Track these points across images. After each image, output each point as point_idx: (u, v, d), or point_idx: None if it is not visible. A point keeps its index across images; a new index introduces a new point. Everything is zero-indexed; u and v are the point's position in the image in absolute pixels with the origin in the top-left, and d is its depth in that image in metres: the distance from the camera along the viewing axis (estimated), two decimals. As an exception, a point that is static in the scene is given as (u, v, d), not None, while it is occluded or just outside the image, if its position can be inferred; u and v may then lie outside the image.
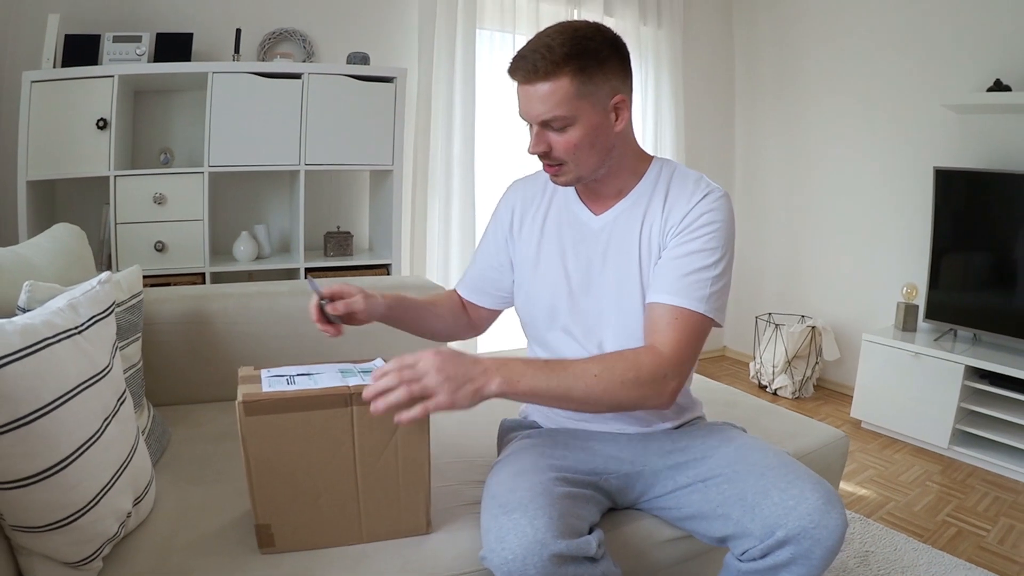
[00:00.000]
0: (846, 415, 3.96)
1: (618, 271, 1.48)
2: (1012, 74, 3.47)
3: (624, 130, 1.44)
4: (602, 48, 1.35)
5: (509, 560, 1.15)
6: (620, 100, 1.39)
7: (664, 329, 1.36)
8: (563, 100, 1.34)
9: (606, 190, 1.53)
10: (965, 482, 3.20)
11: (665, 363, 1.32)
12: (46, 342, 1.12)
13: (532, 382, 1.27)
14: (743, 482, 1.34)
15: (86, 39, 2.83)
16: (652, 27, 4.46)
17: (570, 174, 1.44)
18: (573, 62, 1.32)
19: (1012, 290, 3.45)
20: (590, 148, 1.40)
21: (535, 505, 1.21)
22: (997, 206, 3.48)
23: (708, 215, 1.40)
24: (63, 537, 1.13)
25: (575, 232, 1.55)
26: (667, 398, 1.34)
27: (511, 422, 1.73)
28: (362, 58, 3.32)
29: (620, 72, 1.39)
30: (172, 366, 2.09)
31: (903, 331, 3.85)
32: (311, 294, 1.47)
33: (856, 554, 2.50)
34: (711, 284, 1.38)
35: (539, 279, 1.59)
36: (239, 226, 3.27)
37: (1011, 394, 3.25)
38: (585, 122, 1.37)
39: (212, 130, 2.92)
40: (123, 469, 1.27)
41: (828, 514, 1.23)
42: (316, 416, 1.27)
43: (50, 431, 1.08)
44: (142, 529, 1.36)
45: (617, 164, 1.48)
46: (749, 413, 2.13)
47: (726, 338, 5.38)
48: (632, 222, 1.48)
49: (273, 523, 1.30)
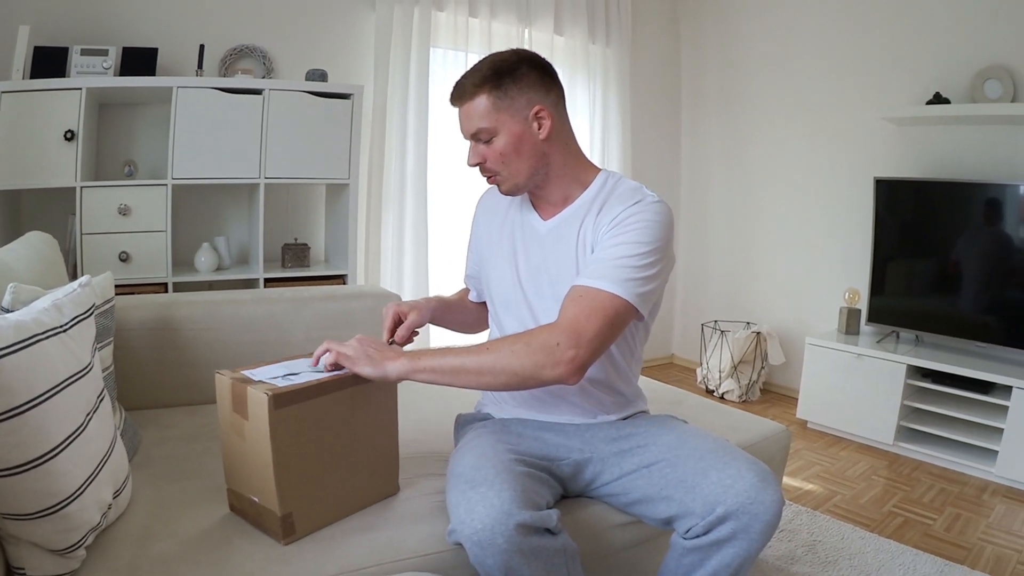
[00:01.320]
0: (792, 416, 4.10)
1: (559, 270, 1.61)
2: (950, 87, 3.67)
3: (554, 138, 1.58)
4: (518, 66, 1.53)
5: (479, 530, 1.25)
6: (539, 110, 1.54)
7: (568, 306, 1.44)
8: (484, 114, 1.53)
9: (552, 197, 1.66)
10: (911, 476, 3.33)
11: (557, 331, 1.39)
12: (36, 338, 1.18)
13: (431, 361, 1.42)
14: (683, 465, 1.45)
15: (55, 51, 2.87)
16: (600, 45, 4.62)
17: (507, 182, 1.60)
18: (490, 81, 1.52)
19: (951, 292, 3.65)
20: (517, 156, 1.56)
21: (500, 480, 1.32)
22: (935, 213, 3.67)
23: (639, 215, 1.50)
24: (51, 525, 1.18)
25: (526, 236, 1.69)
26: (564, 367, 1.37)
27: (466, 416, 1.83)
28: (320, 75, 3.40)
29: (538, 85, 1.55)
30: (141, 371, 2.14)
31: (846, 334, 4.02)
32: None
33: (803, 543, 2.59)
34: (632, 272, 1.45)
35: (496, 278, 1.74)
36: (200, 237, 3.32)
37: (953, 391, 3.42)
38: (507, 132, 1.54)
39: (175, 143, 2.97)
40: (104, 462, 1.33)
41: (764, 491, 1.34)
42: (326, 401, 1.40)
43: (40, 422, 1.14)
44: (122, 521, 1.42)
45: (557, 172, 1.62)
46: (694, 411, 2.22)
47: (673, 346, 5.52)
48: (572, 226, 1.62)
49: (295, 511, 1.37)
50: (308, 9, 3.67)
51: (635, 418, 1.73)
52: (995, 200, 3.44)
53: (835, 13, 4.24)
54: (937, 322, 3.71)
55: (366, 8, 3.82)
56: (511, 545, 1.24)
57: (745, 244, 4.92)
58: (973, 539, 2.71)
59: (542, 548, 1.30)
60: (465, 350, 1.43)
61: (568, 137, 1.65)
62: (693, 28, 5.19)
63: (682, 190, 5.38)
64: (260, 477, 1.36)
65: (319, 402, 1.39)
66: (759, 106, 4.74)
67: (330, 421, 1.42)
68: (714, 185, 5.12)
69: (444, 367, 1.41)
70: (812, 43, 4.38)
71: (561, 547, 1.34)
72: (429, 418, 2.08)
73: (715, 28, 5.01)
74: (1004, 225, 3.44)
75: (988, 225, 3.51)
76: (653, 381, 2.60)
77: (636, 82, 4.92)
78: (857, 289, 4.05)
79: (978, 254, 3.56)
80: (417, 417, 2.07)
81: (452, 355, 1.42)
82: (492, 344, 1.44)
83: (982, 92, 3.53)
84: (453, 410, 1.94)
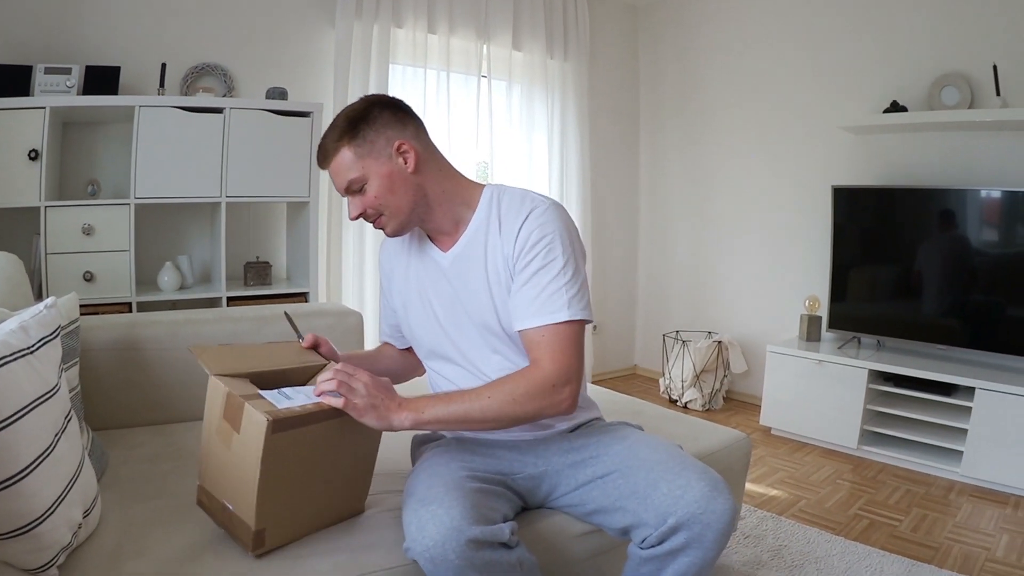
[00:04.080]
0: (756, 423, 4.17)
1: (473, 302, 1.62)
2: (907, 95, 3.77)
3: (423, 168, 1.59)
4: (369, 110, 1.55)
5: (430, 547, 1.28)
6: (400, 144, 1.55)
7: (540, 348, 1.50)
8: (350, 165, 1.54)
9: (443, 226, 1.65)
10: (876, 478, 3.39)
11: (551, 375, 1.46)
12: (3, 360, 1.19)
13: (435, 412, 1.45)
14: (635, 476, 1.49)
15: (18, 70, 2.86)
16: (559, 60, 4.71)
17: (392, 222, 1.60)
18: (347, 133, 1.53)
19: (912, 297, 3.77)
20: (391, 194, 1.56)
21: (450, 497, 1.35)
22: (895, 220, 3.79)
23: (538, 231, 1.53)
24: (22, 545, 1.19)
25: (431, 272, 1.69)
26: (566, 404, 1.48)
27: (421, 435, 1.85)
28: (280, 93, 3.41)
29: (393, 122, 1.56)
30: (106, 391, 2.13)
31: (807, 341, 4.11)
32: (290, 330, 1.74)
33: (769, 548, 2.63)
34: (566, 290, 1.50)
35: (414, 321, 1.74)
36: (163, 256, 3.31)
37: (916, 393, 3.50)
38: (376, 175, 1.54)
39: (138, 162, 2.97)
40: (73, 482, 1.34)
41: (714, 500, 1.38)
42: (318, 428, 1.41)
43: (10, 443, 1.15)
44: (92, 540, 1.42)
45: (437, 199, 1.61)
46: (655, 420, 2.25)
47: (636, 356, 5.60)
48: (476, 255, 1.62)
49: (267, 527, 1.38)
50: (268, 27, 3.69)
51: (588, 427, 1.74)
52: (953, 205, 3.56)
53: (793, 24, 4.36)
54: (898, 327, 3.80)
55: (326, 25, 3.85)
56: (463, 560, 1.27)
57: (705, 254, 5.00)
58: (940, 538, 2.76)
59: (496, 562, 1.32)
60: (465, 398, 1.46)
61: (439, 163, 1.64)
62: (651, 41, 5.29)
63: (641, 201, 5.47)
64: (240, 489, 1.37)
65: (312, 428, 1.40)
66: (718, 117, 4.84)
67: (318, 446, 1.43)
68: (673, 196, 5.21)
69: (449, 418, 1.45)
70: (770, 54, 4.49)
71: (516, 561, 1.37)
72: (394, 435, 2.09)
73: (673, 40, 5.12)
74: (963, 229, 3.56)
75: (947, 230, 3.62)
76: (614, 392, 2.64)
77: (594, 95, 5.01)
78: (817, 296, 4.15)
79: (938, 259, 3.68)
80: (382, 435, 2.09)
81: (455, 404, 1.45)
82: (491, 392, 1.46)
83: (939, 99, 3.64)
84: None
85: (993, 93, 3.43)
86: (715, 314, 4.94)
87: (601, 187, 5.13)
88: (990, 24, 3.54)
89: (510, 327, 1.57)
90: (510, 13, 4.45)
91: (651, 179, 5.40)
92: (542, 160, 4.75)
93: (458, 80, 4.31)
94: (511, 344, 1.61)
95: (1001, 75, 3.40)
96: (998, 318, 3.46)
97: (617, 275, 5.39)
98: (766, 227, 4.60)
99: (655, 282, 5.39)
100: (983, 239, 3.54)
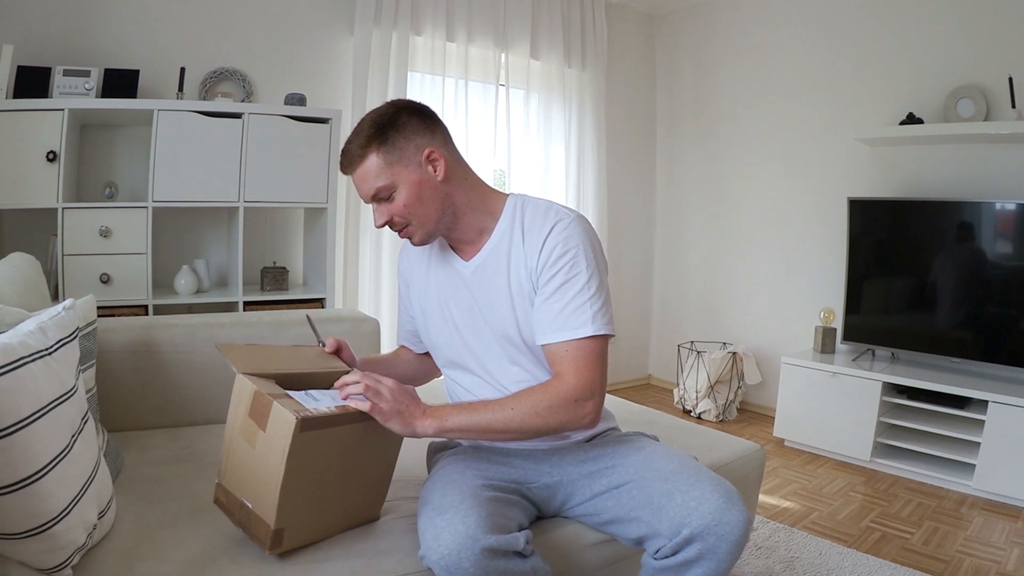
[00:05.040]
0: (769, 435, 4.15)
1: (493, 312, 1.62)
2: (923, 107, 3.76)
3: (451, 177, 1.57)
4: (397, 115, 1.53)
5: (445, 555, 1.28)
6: (430, 152, 1.54)
7: (563, 363, 1.50)
8: (378, 172, 1.51)
9: (466, 235, 1.64)
10: (888, 491, 3.37)
11: (573, 390, 1.46)
12: (22, 361, 1.20)
13: (458, 420, 1.46)
14: (650, 487, 1.49)
15: (38, 71, 2.89)
16: (576, 69, 4.71)
17: (420, 231, 1.58)
18: (375, 139, 1.50)
19: (926, 310, 3.74)
20: (420, 203, 1.54)
21: (465, 506, 1.35)
22: (909, 232, 3.77)
23: (562, 245, 1.53)
24: (38, 544, 1.20)
25: (452, 281, 1.68)
26: (589, 418, 1.49)
27: (437, 443, 1.85)
28: (299, 99, 3.43)
29: (423, 129, 1.55)
30: (122, 393, 2.14)
31: (822, 353, 4.09)
32: (311, 334, 1.78)
33: (781, 560, 2.62)
34: (590, 305, 1.50)
35: (433, 329, 1.74)
36: (180, 260, 3.33)
37: (929, 406, 3.48)
38: (405, 183, 1.52)
39: (156, 166, 2.99)
40: (89, 483, 1.35)
41: (728, 511, 1.37)
42: (343, 430, 1.42)
43: (28, 443, 1.16)
44: (107, 541, 1.43)
45: (464, 208, 1.61)
46: (669, 431, 2.24)
47: (650, 367, 5.59)
48: (499, 264, 1.61)
49: (286, 526, 1.39)
50: (287, 33, 3.71)
51: (604, 437, 1.74)
52: (968, 217, 3.54)
53: (809, 36, 4.35)
54: (912, 339, 3.79)
55: (344, 32, 3.88)
56: (478, 569, 1.27)
57: (721, 265, 4.99)
58: (951, 552, 2.74)
59: (510, 571, 1.33)
60: (487, 409, 1.47)
61: (465, 172, 1.63)
62: (669, 52, 5.29)
63: (658, 212, 5.46)
64: (261, 487, 1.37)
65: (337, 431, 1.41)
66: (734, 127, 4.83)
67: (341, 448, 1.44)
68: (690, 207, 5.20)
69: (472, 427, 1.47)
70: (786, 66, 4.49)
71: (530, 569, 1.37)
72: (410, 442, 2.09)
73: (689, 50, 5.12)
74: (978, 242, 3.54)
75: (962, 242, 3.60)
76: (629, 403, 2.64)
77: (612, 106, 5.01)
78: (832, 308, 4.13)
79: (952, 271, 3.65)
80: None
81: (479, 414, 1.46)
82: (514, 404, 1.46)
83: (955, 111, 3.62)
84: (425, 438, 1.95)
85: (1009, 105, 3.42)
86: (730, 325, 4.93)
87: (617, 197, 5.13)
88: (1006, 36, 3.53)
89: (530, 339, 1.58)
90: (528, 22, 4.46)
91: (667, 189, 5.39)
92: (559, 169, 4.75)
93: (476, 88, 4.32)
94: (530, 356, 1.61)
95: (1017, 87, 3.39)
96: (1012, 331, 3.44)
97: (632, 285, 5.38)
98: (781, 238, 4.59)
99: (670, 292, 5.39)
100: (998, 251, 3.52)
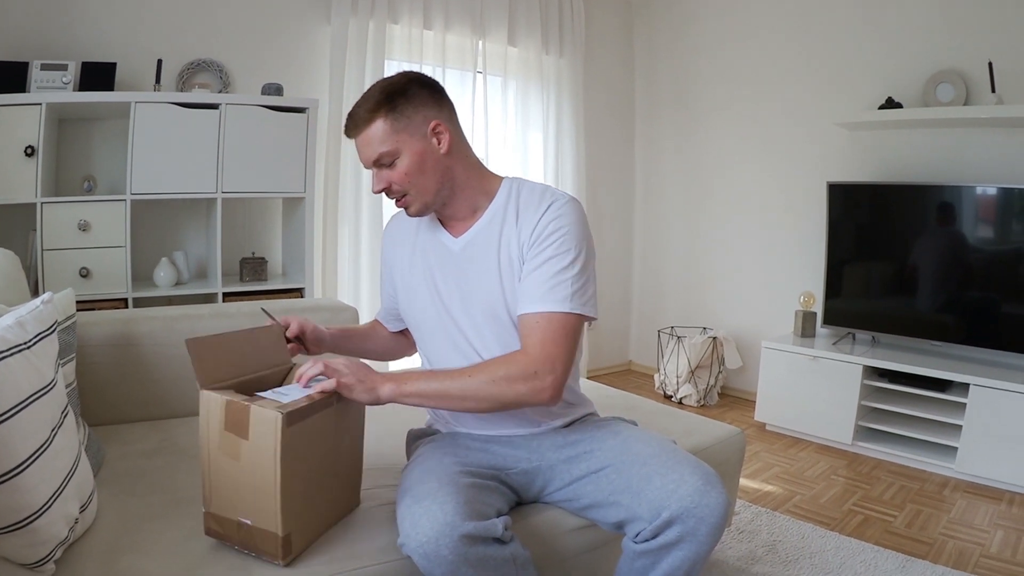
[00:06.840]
0: (751, 419, 4.18)
1: (482, 287, 1.62)
2: (903, 92, 3.78)
3: (454, 151, 1.60)
4: (408, 86, 1.55)
5: (424, 543, 1.29)
6: (436, 124, 1.56)
7: (531, 335, 1.51)
8: (383, 138, 1.53)
9: (459, 212, 1.66)
10: (870, 474, 3.40)
11: (532, 361, 1.47)
12: (0, 355, 1.20)
13: (415, 385, 1.48)
14: (629, 471, 1.51)
15: (14, 66, 2.86)
16: (554, 56, 4.70)
17: (416, 202, 1.60)
18: (384, 104, 1.52)
19: (906, 293, 3.78)
20: (421, 173, 1.56)
21: (443, 493, 1.36)
22: (889, 216, 3.79)
23: (555, 222, 1.55)
24: (19, 539, 1.20)
25: (440, 256, 1.69)
26: (547, 394, 1.47)
27: (417, 431, 1.86)
28: (276, 89, 3.41)
29: (431, 102, 1.57)
30: (103, 386, 2.14)
31: (802, 337, 4.12)
32: (264, 319, 1.74)
33: (763, 544, 2.63)
34: (572, 283, 1.51)
35: (416, 303, 1.73)
36: (159, 252, 3.31)
37: (910, 390, 3.51)
38: (409, 151, 1.54)
39: (134, 158, 2.97)
40: (70, 477, 1.35)
41: (707, 494, 1.39)
42: (321, 417, 1.42)
43: (7, 438, 1.16)
44: (89, 535, 1.43)
45: (461, 184, 1.63)
46: (649, 416, 2.26)
47: (631, 352, 5.61)
48: (490, 241, 1.62)
49: (292, 530, 1.37)
50: (264, 23, 3.68)
51: (582, 422, 1.75)
52: (948, 201, 3.57)
53: (788, 20, 4.37)
54: (893, 323, 3.82)
55: (321, 21, 3.85)
56: (457, 556, 1.28)
57: (700, 250, 5.01)
58: (935, 534, 2.77)
59: (489, 557, 1.34)
60: (447, 375, 1.49)
61: (467, 149, 1.66)
62: (647, 37, 5.29)
63: (637, 197, 5.47)
64: (258, 498, 1.34)
65: (317, 418, 1.41)
66: (713, 113, 4.84)
67: (322, 437, 1.44)
68: (669, 192, 5.22)
69: (429, 392, 1.49)
70: (765, 49, 4.50)
71: (510, 555, 1.38)
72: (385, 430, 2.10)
73: (669, 37, 5.12)
74: (958, 225, 3.57)
75: (942, 226, 3.63)
76: (609, 388, 2.65)
77: (590, 91, 5.01)
78: (812, 292, 4.16)
79: (932, 255, 3.69)
80: (373, 429, 2.09)
81: (436, 380, 1.49)
82: (473, 371, 1.48)
83: (934, 96, 3.65)
84: (407, 423, 1.95)
85: (988, 90, 3.44)
86: (710, 310, 4.95)
87: (596, 183, 5.14)
88: (985, 21, 3.55)
89: (515, 315, 1.58)
90: (505, 9, 4.44)
91: (646, 175, 5.40)
92: (537, 156, 4.75)
93: (454, 76, 4.30)
94: (515, 333, 1.60)
95: (996, 72, 3.41)
96: (992, 314, 3.47)
97: (612, 270, 5.39)
98: (761, 223, 4.61)
99: (650, 277, 5.40)
100: (978, 235, 3.56)
